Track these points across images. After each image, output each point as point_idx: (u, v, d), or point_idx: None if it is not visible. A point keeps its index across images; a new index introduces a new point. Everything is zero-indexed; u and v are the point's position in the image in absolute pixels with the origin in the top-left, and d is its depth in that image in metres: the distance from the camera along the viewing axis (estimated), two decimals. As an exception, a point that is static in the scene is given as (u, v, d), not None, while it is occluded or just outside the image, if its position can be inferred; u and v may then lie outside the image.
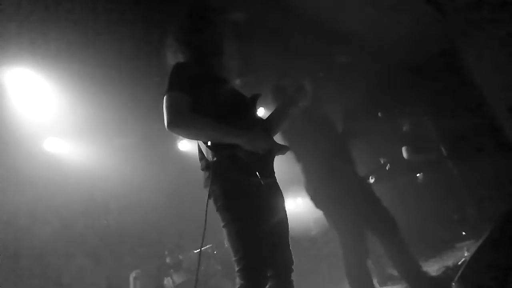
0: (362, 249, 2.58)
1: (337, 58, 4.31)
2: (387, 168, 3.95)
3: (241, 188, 1.56)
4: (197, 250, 4.42)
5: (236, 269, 1.54)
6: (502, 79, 4.27)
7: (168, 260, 4.33)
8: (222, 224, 1.59)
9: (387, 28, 4.05)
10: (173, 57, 1.74)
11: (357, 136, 2.88)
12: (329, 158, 2.61)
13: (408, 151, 4.32)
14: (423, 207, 4.52)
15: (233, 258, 1.56)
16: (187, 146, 5.39)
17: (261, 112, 3.98)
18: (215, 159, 1.54)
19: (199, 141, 1.64)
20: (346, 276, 2.58)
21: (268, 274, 1.61)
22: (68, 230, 4.23)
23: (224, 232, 1.59)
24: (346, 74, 4.45)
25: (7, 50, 2.88)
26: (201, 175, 1.71)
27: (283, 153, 1.70)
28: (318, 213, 2.83)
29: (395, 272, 3.40)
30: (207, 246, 4.51)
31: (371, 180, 3.99)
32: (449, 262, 3.33)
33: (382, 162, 3.89)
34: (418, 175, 4.55)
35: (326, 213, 2.71)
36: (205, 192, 1.61)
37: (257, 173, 1.57)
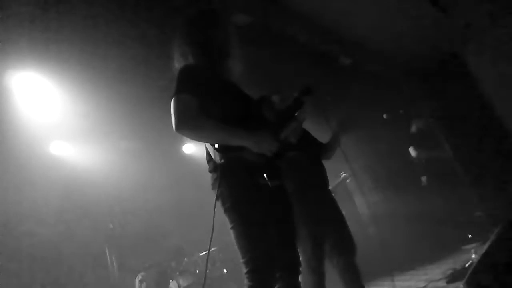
0: (321, 269, 2.39)
1: (341, 60, 4.30)
2: (347, 182, 3.95)
3: (248, 190, 1.56)
4: (202, 253, 4.42)
5: (244, 271, 1.53)
6: (508, 82, 4.25)
7: (173, 263, 4.33)
8: (230, 225, 1.58)
9: (392, 30, 4.05)
10: (180, 60, 1.74)
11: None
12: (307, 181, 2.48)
13: (414, 152, 4.31)
14: (428, 210, 4.49)
15: (241, 260, 1.54)
16: (192, 149, 5.41)
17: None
18: (222, 161, 1.55)
19: (206, 143, 1.63)
20: None
21: (276, 276, 1.60)
22: (72, 233, 4.24)
23: (231, 233, 1.58)
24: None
25: (14, 54, 2.90)
26: (206, 179, 1.70)
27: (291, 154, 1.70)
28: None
29: None
30: (212, 249, 4.50)
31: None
32: (456, 264, 3.32)
33: (342, 176, 3.89)
34: (423, 177, 4.53)
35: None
36: (211, 195, 1.61)
37: (264, 174, 1.58)
